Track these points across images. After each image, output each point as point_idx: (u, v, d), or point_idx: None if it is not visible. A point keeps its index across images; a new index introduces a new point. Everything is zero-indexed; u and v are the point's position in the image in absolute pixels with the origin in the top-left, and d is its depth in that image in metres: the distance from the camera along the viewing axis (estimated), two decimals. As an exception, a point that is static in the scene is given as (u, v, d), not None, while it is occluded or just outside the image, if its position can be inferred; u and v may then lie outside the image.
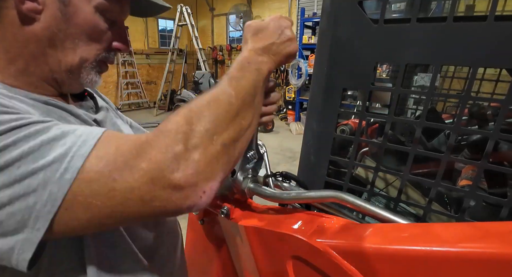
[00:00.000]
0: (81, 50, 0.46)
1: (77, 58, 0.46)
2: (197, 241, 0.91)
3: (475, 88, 1.38)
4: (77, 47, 0.46)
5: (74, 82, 0.49)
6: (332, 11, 0.58)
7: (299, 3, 6.48)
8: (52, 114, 0.45)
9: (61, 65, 0.46)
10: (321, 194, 0.60)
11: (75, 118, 0.49)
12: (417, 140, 0.54)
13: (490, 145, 0.47)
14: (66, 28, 0.44)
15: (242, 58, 0.48)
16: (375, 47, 0.55)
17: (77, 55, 0.46)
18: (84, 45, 0.47)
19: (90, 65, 0.48)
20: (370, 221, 0.62)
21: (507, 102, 0.44)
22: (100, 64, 0.50)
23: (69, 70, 0.47)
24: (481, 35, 0.45)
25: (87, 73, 0.49)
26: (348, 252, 0.48)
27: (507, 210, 0.48)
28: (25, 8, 0.41)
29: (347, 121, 1.19)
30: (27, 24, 0.42)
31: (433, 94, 0.51)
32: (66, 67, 0.46)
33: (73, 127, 0.37)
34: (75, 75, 0.48)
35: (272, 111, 0.61)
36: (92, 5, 0.45)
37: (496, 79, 1.27)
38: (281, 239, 0.58)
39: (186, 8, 6.67)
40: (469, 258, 0.38)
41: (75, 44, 0.46)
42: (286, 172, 0.73)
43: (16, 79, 0.44)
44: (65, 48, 0.45)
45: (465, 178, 0.90)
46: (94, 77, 0.50)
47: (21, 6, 0.41)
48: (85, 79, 0.49)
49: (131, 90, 8.11)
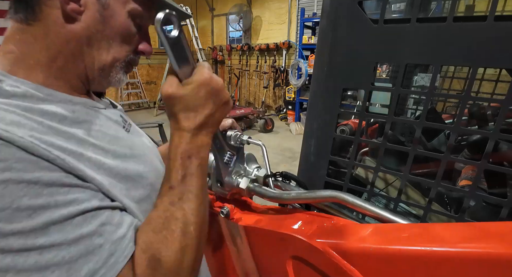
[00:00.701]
0: (114, 50, 0.50)
1: (110, 57, 0.50)
2: (197, 241, 0.91)
3: (475, 88, 1.38)
4: (110, 47, 0.49)
5: (104, 80, 0.52)
6: (332, 11, 0.58)
7: (299, 3, 6.48)
8: (77, 113, 0.47)
9: (95, 63, 0.49)
10: (321, 194, 0.60)
11: (99, 113, 0.52)
12: (417, 140, 0.54)
13: (490, 145, 0.47)
14: (103, 29, 0.47)
15: (181, 150, 0.46)
16: (375, 47, 0.55)
17: (110, 54, 0.49)
18: (117, 46, 0.50)
19: (120, 65, 0.51)
20: (370, 221, 0.62)
21: (507, 102, 0.44)
22: (128, 65, 0.53)
23: (102, 68, 0.50)
24: (481, 35, 0.45)
25: (116, 72, 0.52)
26: (348, 252, 0.48)
27: (507, 210, 0.48)
28: (69, 8, 0.44)
29: (347, 121, 1.19)
30: (69, 23, 0.45)
31: (433, 94, 0.51)
32: (99, 66, 0.49)
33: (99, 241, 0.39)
34: (106, 73, 0.51)
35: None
36: (126, 10, 0.49)
37: (496, 79, 1.27)
38: (281, 239, 0.58)
39: (186, 8, 6.67)
40: (469, 258, 0.38)
41: (109, 44, 0.49)
42: (286, 172, 0.73)
43: (56, 77, 0.47)
44: (100, 48, 0.48)
45: (465, 178, 0.90)
46: (122, 77, 0.53)
47: (66, 6, 0.44)
48: (114, 78, 0.52)
49: (131, 90, 8.11)
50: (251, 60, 7.70)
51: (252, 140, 0.75)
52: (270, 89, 7.45)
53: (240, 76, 7.94)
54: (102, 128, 0.49)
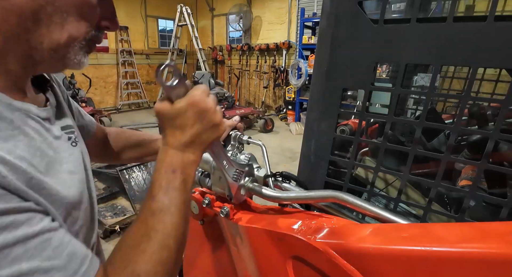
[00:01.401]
0: (70, 26, 0.41)
1: (65, 35, 0.41)
2: (197, 241, 0.91)
3: (475, 88, 1.38)
4: (65, 22, 0.40)
5: (57, 62, 0.43)
6: (332, 11, 0.58)
7: (299, 3, 6.49)
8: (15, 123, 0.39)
9: (45, 43, 0.40)
10: (321, 194, 0.60)
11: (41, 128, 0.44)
12: (417, 140, 0.54)
13: (490, 145, 0.47)
14: (54, 0, 0.38)
15: (166, 164, 0.45)
16: (375, 47, 0.55)
17: (65, 31, 0.41)
18: (74, 21, 0.41)
19: (79, 44, 0.43)
20: (370, 221, 0.62)
21: (507, 102, 0.44)
22: (89, 44, 0.45)
23: (54, 49, 0.41)
24: (481, 35, 0.45)
25: (74, 53, 0.43)
26: (348, 252, 0.48)
27: (507, 210, 0.48)
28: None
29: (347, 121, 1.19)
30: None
31: (433, 94, 0.51)
32: (50, 45, 0.40)
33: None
34: (60, 54, 0.42)
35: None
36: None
37: (496, 79, 1.27)
38: (281, 239, 0.58)
39: (186, 8, 6.68)
40: (469, 258, 0.38)
41: (64, 19, 0.40)
42: (285, 172, 0.73)
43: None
44: (51, 23, 0.39)
45: (465, 178, 0.90)
46: (82, 58, 0.45)
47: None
48: (72, 60, 0.44)
49: (131, 90, 8.12)
50: (251, 60, 7.70)
51: (252, 140, 0.75)
52: (270, 89, 7.45)
53: (240, 76, 7.94)
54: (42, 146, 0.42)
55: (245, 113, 5.81)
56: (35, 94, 0.50)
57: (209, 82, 5.99)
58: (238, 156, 0.73)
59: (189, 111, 0.44)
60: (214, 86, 6.09)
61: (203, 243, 0.90)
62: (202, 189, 0.77)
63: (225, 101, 5.79)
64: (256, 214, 0.71)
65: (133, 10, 7.70)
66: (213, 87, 6.05)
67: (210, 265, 0.91)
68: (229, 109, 5.64)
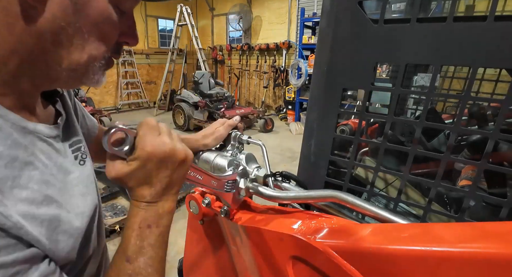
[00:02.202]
0: (90, 47, 0.39)
1: (85, 56, 0.39)
2: (197, 241, 0.91)
3: (475, 88, 1.38)
4: (86, 43, 0.38)
5: (74, 81, 0.42)
6: (332, 11, 0.58)
7: (299, 3, 6.48)
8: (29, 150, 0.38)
9: (64, 64, 0.38)
10: (320, 193, 0.60)
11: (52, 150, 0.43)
12: (417, 140, 0.54)
13: (490, 145, 0.47)
14: (76, 21, 0.36)
15: (139, 220, 0.41)
16: (375, 47, 0.55)
17: (86, 52, 0.39)
18: (95, 40, 0.39)
19: (99, 64, 0.41)
20: (370, 221, 0.62)
21: (507, 102, 0.44)
22: (108, 61, 0.44)
23: (72, 69, 0.39)
24: (481, 35, 0.45)
25: (93, 72, 0.41)
26: (348, 252, 0.48)
27: (507, 210, 0.48)
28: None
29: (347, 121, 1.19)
30: (28, 14, 0.34)
31: (433, 94, 0.51)
32: (69, 66, 0.39)
33: None
34: (79, 74, 0.40)
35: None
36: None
37: (496, 79, 1.27)
38: (281, 239, 0.58)
39: (186, 8, 6.67)
40: (469, 258, 0.38)
41: (85, 40, 0.38)
42: (285, 172, 0.73)
43: (2, 83, 0.37)
44: (72, 45, 0.37)
45: (465, 178, 0.90)
46: (101, 77, 0.43)
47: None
48: (90, 79, 0.42)
49: (131, 90, 8.12)
50: (251, 60, 7.70)
51: (252, 140, 0.75)
52: (270, 89, 7.45)
53: (240, 76, 7.94)
54: (53, 171, 0.41)
55: (245, 113, 5.81)
56: (44, 109, 0.47)
57: (209, 82, 6.00)
58: (238, 156, 0.73)
59: (147, 164, 0.40)
60: (214, 86, 6.09)
61: (203, 243, 0.90)
62: (202, 189, 0.77)
63: (225, 101, 5.79)
64: (256, 214, 0.71)
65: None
66: (213, 87, 6.06)
67: (210, 265, 0.91)
68: (229, 109, 5.64)
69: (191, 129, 5.77)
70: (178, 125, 6.01)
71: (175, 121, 6.06)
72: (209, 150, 0.73)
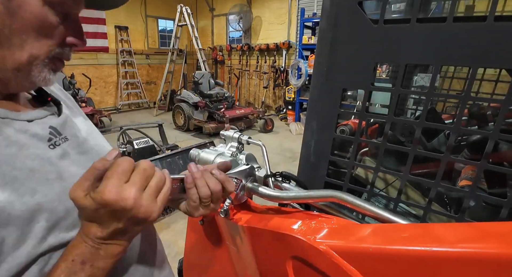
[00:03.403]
0: (29, 46, 0.42)
1: (25, 55, 0.42)
2: (197, 241, 0.91)
3: (475, 88, 1.38)
4: (25, 43, 0.42)
5: (24, 80, 0.45)
6: (332, 11, 0.58)
7: (299, 3, 6.49)
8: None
9: (7, 63, 0.42)
10: (321, 193, 0.60)
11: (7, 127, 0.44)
12: (417, 141, 0.54)
13: (490, 145, 0.47)
14: (11, 23, 0.39)
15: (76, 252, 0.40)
16: (375, 47, 0.55)
17: (26, 51, 0.42)
18: (34, 41, 0.42)
19: (42, 63, 0.44)
20: (370, 221, 0.62)
21: (507, 102, 0.44)
22: (54, 61, 0.46)
23: (17, 68, 0.43)
24: (481, 35, 0.45)
25: (38, 70, 0.45)
26: (348, 252, 0.48)
27: (507, 210, 0.48)
28: None
29: (347, 121, 1.19)
30: None
31: (433, 95, 0.51)
32: (13, 65, 0.42)
33: None
34: (24, 73, 0.44)
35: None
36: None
37: (496, 79, 1.27)
38: (281, 240, 0.58)
39: (186, 8, 6.68)
40: (469, 259, 0.38)
41: (23, 40, 0.41)
42: (285, 172, 0.73)
43: None
44: (11, 45, 0.41)
45: (465, 178, 0.89)
46: (48, 75, 0.46)
47: None
48: (37, 77, 0.45)
49: (131, 90, 8.12)
50: (251, 60, 7.71)
51: (252, 140, 0.75)
52: (270, 89, 7.45)
53: (240, 76, 7.94)
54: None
55: (245, 113, 5.82)
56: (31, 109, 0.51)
57: (209, 82, 6.00)
58: (238, 156, 0.73)
59: (100, 210, 0.38)
60: (214, 86, 6.09)
61: (203, 243, 0.90)
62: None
63: (225, 101, 5.79)
64: (256, 214, 0.70)
65: (133, 10, 7.70)
66: (213, 87, 6.06)
67: (210, 265, 0.91)
68: (229, 109, 5.64)
69: (191, 129, 5.77)
70: (178, 125, 6.01)
71: (175, 121, 6.06)
72: (208, 151, 0.73)
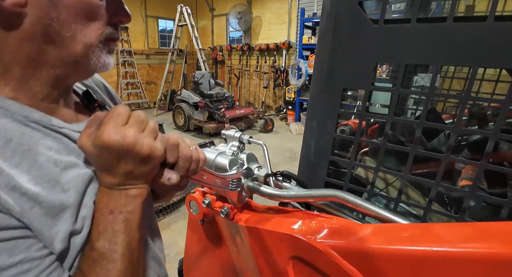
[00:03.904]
0: (81, 35, 0.40)
1: (79, 46, 0.40)
2: (197, 241, 0.91)
3: (475, 88, 1.38)
4: (75, 33, 0.39)
5: (84, 71, 0.44)
6: (332, 11, 0.58)
7: (299, 3, 6.49)
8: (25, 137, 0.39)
9: (64, 59, 0.40)
10: (322, 192, 0.60)
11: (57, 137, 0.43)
12: (417, 140, 0.54)
13: (490, 145, 0.47)
14: (58, 15, 0.37)
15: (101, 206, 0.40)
16: (375, 47, 0.55)
17: (79, 42, 0.40)
18: (83, 28, 0.40)
19: (97, 48, 0.42)
20: (370, 221, 0.62)
21: (507, 102, 0.44)
22: (108, 43, 0.44)
23: (75, 61, 0.41)
24: (481, 35, 0.45)
25: (96, 57, 0.43)
26: (348, 252, 0.48)
27: (507, 210, 0.48)
28: (8, 4, 0.34)
29: (347, 121, 1.19)
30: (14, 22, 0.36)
31: (433, 94, 0.51)
32: (70, 59, 0.41)
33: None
34: (83, 64, 0.42)
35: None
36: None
37: (496, 79, 1.27)
38: (281, 239, 0.58)
39: (186, 8, 6.67)
40: (469, 259, 0.38)
41: (73, 30, 0.39)
42: (286, 171, 0.73)
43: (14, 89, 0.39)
44: (63, 39, 0.39)
45: (465, 178, 0.90)
46: (106, 59, 0.44)
47: (2, 3, 0.34)
48: (97, 65, 0.43)
49: (131, 90, 8.12)
50: (251, 60, 7.71)
51: (253, 140, 0.75)
52: (270, 89, 7.45)
53: (240, 76, 7.94)
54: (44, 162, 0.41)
55: (245, 113, 5.81)
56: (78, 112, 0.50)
57: (209, 82, 6.00)
58: (239, 156, 0.73)
59: (103, 154, 0.38)
60: (214, 86, 6.09)
61: (203, 243, 0.90)
62: (202, 189, 0.77)
63: (225, 101, 5.79)
64: (256, 214, 0.71)
65: (133, 10, 7.68)
66: (213, 87, 6.06)
67: (210, 265, 0.91)
68: (229, 109, 5.64)
69: (191, 129, 5.77)
70: (178, 125, 6.01)
71: (175, 121, 6.06)
72: (209, 150, 0.73)
